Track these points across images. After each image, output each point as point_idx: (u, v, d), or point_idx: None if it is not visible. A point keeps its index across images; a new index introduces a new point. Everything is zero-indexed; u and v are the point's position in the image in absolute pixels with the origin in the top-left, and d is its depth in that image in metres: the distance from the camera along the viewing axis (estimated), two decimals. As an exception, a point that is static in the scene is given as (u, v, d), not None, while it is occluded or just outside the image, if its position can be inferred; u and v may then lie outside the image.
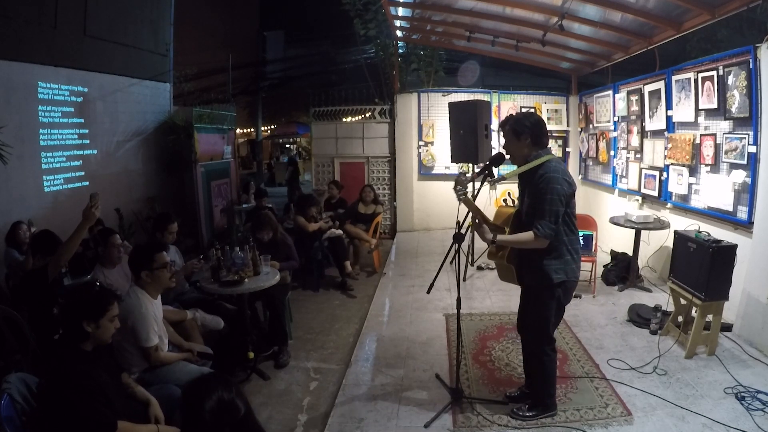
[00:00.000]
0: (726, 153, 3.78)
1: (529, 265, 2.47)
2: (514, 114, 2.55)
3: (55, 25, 5.14)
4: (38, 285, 2.85)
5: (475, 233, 5.47)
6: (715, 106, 3.89)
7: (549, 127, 7.18)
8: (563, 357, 3.31)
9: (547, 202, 2.30)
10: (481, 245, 5.21)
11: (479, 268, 5.51)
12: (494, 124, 6.15)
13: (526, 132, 2.41)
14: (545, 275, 2.41)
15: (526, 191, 2.47)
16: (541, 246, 2.35)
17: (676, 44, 6.03)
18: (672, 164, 4.52)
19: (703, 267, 3.13)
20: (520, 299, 2.71)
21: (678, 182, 4.45)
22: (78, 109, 5.53)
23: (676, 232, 3.58)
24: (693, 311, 3.37)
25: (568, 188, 2.34)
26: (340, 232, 5.40)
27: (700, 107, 4.10)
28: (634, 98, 5.25)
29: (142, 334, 2.44)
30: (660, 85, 4.68)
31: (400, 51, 8.26)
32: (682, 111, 4.35)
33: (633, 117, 5.31)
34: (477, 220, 2.47)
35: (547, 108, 7.38)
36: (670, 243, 3.77)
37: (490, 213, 2.75)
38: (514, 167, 2.51)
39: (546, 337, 2.54)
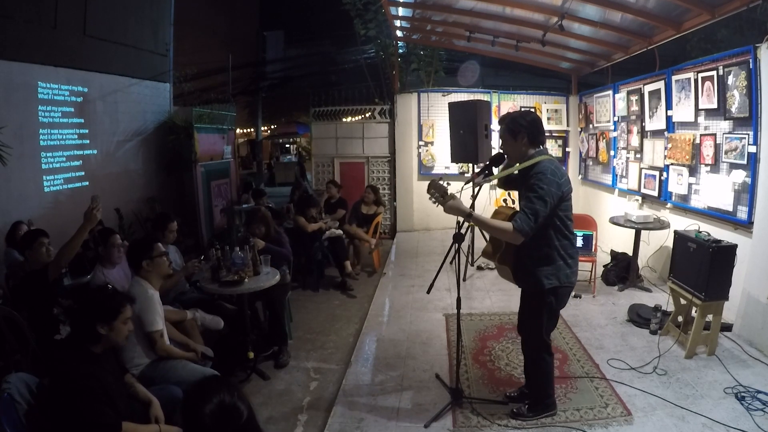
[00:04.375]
0: (726, 153, 3.78)
1: (522, 271, 2.45)
2: (511, 113, 2.52)
3: (54, 25, 5.14)
4: (38, 285, 2.87)
5: (475, 230, 5.47)
6: (715, 106, 3.89)
7: (549, 127, 7.23)
8: (563, 357, 3.31)
9: (530, 200, 2.27)
10: (481, 245, 5.21)
11: (479, 268, 5.51)
12: (494, 124, 6.15)
13: (522, 131, 2.38)
14: (537, 281, 2.39)
15: (521, 192, 2.45)
16: (514, 241, 2.29)
17: (676, 44, 6.02)
18: (672, 164, 4.52)
19: (703, 267, 3.13)
20: (520, 300, 2.71)
21: (678, 182, 4.45)
22: (78, 109, 5.53)
23: (676, 232, 3.58)
24: (693, 311, 3.37)
25: (557, 189, 2.27)
26: (340, 232, 5.41)
27: (700, 107, 4.10)
28: (634, 98, 5.25)
29: (147, 318, 2.50)
30: (660, 85, 4.68)
31: (400, 51, 8.25)
32: (682, 111, 4.35)
33: (633, 117, 5.31)
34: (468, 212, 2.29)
35: (547, 108, 7.38)
36: (670, 243, 3.77)
37: (488, 213, 2.74)
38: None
39: (540, 341, 2.52)
